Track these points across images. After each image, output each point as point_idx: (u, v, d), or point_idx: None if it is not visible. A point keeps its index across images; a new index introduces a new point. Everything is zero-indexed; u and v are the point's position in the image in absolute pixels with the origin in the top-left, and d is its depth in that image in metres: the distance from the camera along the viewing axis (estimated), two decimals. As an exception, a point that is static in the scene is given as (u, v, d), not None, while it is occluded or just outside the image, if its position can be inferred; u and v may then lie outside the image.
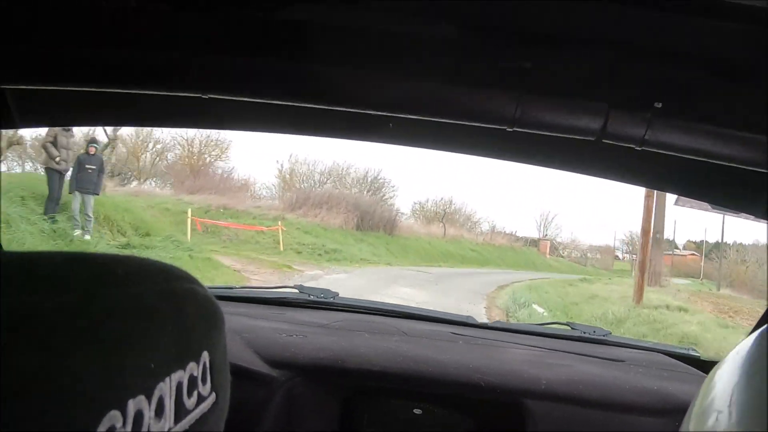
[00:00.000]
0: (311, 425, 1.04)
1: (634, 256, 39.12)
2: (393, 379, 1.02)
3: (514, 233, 30.10)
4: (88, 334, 0.25)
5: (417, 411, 1.07)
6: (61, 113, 1.03)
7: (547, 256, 29.68)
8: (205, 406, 0.33)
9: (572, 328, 1.42)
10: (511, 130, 0.73)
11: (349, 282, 9.49)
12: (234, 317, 1.21)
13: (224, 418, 0.36)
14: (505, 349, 1.22)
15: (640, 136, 0.70)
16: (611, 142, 0.72)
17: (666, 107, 0.68)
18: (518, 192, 48.04)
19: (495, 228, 29.71)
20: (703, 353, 1.36)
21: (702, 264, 34.47)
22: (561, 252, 32.11)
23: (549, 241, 31.34)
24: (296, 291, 1.51)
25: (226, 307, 0.39)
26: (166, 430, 0.28)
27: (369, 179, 25.11)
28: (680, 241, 37.25)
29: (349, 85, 0.74)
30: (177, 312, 0.31)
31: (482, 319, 2.08)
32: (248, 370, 0.98)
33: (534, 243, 30.89)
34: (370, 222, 19.27)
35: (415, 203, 28.52)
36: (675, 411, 0.96)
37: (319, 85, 0.74)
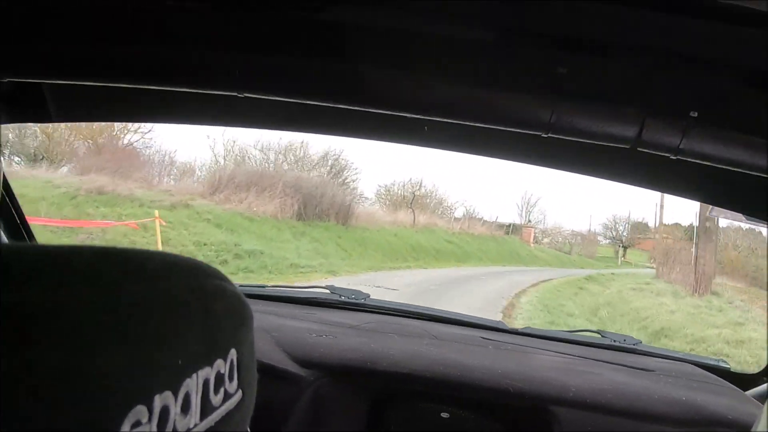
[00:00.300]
0: (338, 426, 1.03)
1: (619, 242, 36.09)
2: (421, 382, 1.02)
3: (493, 220, 25.88)
4: (116, 328, 0.25)
5: (444, 415, 1.05)
6: (96, 109, 1.08)
7: (531, 245, 25.63)
8: (231, 404, 0.32)
9: (602, 336, 1.41)
10: (546, 135, 0.72)
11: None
12: (264, 316, 1.20)
13: (250, 415, 0.35)
14: (535, 355, 1.21)
15: (676, 145, 0.69)
16: (646, 150, 0.71)
17: (702, 116, 0.68)
18: (496, 172, 43.98)
19: (471, 214, 25.46)
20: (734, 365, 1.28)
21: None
22: (541, 240, 28.14)
23: (532, 228, 27.23)
24: (327, 291, 1.49)
25: (256, 306, 0.32)
26: (191, 426, 0.28)
27: (329, 161, 20.65)
28: (652, 224, 35.55)
29: (386, 87, 0.74)
30: (206, 308, 0.31)
31: None
32: (277, 369, 0.98)
33: (516, 230, 26.76)
34: (317, 209, 14.56)
35: (379, 186, 23.91)
36: (703, 422, 0.95)
37: (355, 87, 0.74)
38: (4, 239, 1.00)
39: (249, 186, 13.66)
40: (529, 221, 28.89)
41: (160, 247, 8.91)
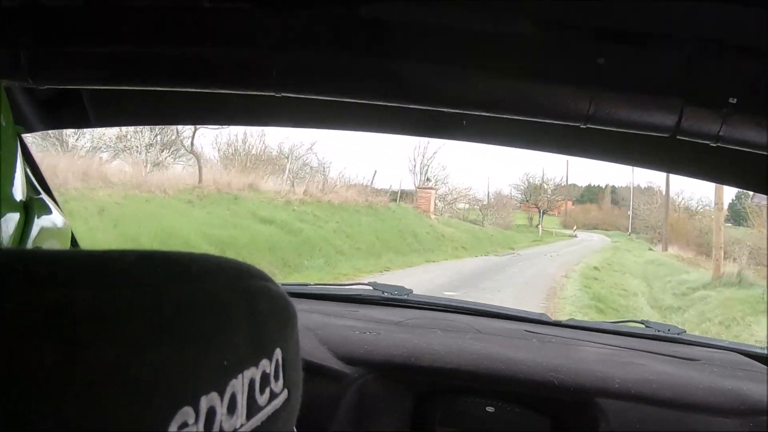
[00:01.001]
0: (383, 422, 1.04)
1: (534, 206, 28.63)
2: (466, 376, 1.03)
3: (368, 181, 16.12)
4: (162, 330, 0.25)
5: (489, 409, 1.06)
6: (136, 112, 1.11)
7: (432, 216, 16.34)
8: (277, 403, 0.32)
9: (646, 326, 1.41)
10: (584, 126, 0.73)
11: None
12: (308, 314, 1.22)
13: (296, 414, 0.36)
14: (579, 347, 1.22)
15: (715, 133, 0.70)
16: (686, 138, 0.72)
17: (741, 103, 0.68)
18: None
19: (326, 169, 15.54)
20: None
21: (631, 214, 28.25)
22: (442, 209, 19.10)
23: (432, 190, 17.92)
24: (370, 288, 1.50)
25: (299, 305, 0.36)
26: (237, 426, 0.29)
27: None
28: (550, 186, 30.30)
29: (424, 83, 0.74)
30: (250, 309, 0.31)
31: None
32: (321, 367, 1.00)
33: (408, 195, 17.32)
34: None
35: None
36: (749, 411, 0.95)
37: (394, 83, 0.75)
38: (48, 245, 0.95)
39: None
40: (428, 180, 19.62)
41: None
